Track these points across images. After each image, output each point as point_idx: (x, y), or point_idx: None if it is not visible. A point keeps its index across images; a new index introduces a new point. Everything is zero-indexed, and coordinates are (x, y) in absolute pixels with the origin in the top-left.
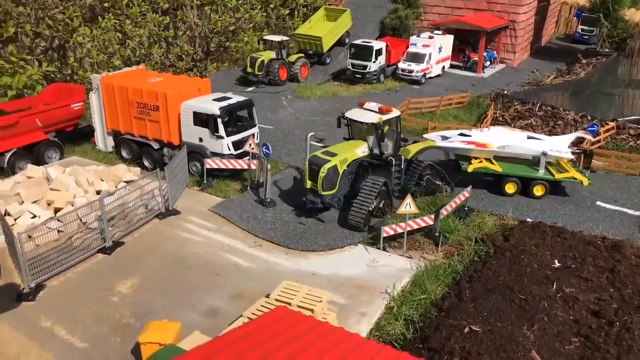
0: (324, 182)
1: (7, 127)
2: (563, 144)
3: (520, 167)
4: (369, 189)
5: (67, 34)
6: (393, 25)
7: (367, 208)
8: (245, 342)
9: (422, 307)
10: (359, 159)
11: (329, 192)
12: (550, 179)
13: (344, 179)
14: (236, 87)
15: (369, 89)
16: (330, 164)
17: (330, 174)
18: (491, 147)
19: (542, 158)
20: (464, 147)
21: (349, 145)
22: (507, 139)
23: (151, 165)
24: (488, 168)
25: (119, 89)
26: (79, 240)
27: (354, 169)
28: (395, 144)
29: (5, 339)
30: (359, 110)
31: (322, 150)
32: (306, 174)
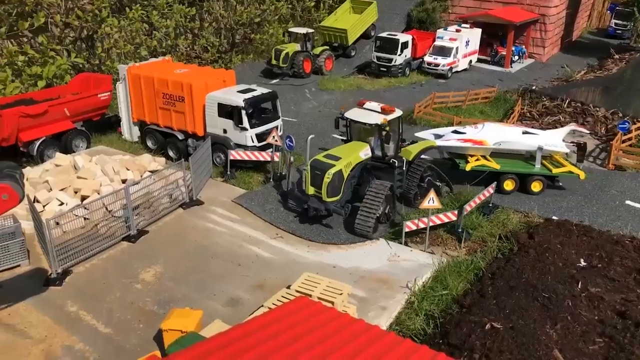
0: (329, 188)
1: (37, 115)
2: (558, 138)
3: (517, 163)
4: (375, 193)
5: (96, 25)
6: (420, 18)
7: (375, 214)
8: (265, 331)
9: (443, 302)
10: (363, 162)
11: (334, 198)
12: (548, 174)
13: (347, 183)
14: (260, 79)
15: (394, 82)
16: (336, 169)
17: (336, 179)
18: (487, 144)
19: (538, 153)
20: (461, 145)
21: (352, 147)
22: (502, 135)
23: (176, 155)
24: (486, 166)
25: (145, 80)
26: (105, 227)
27: (357, 173)
28: (397, 146)
29: (34, 322)
30: (360, 110)
31: (324, 154)
32: (308, 180)
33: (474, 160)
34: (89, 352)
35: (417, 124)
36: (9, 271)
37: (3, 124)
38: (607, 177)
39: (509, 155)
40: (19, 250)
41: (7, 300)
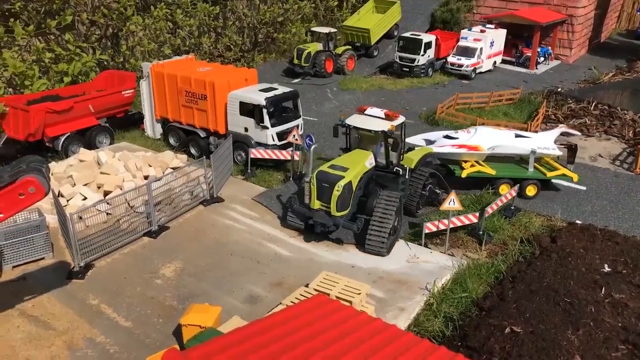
0: (339, 202)
1: (63, 112)
2: (549, 141)
3: (510, 167)
4: (386, 206)
5: (121, 23)
6: (444, 18)
7: (388, 229)
8: (283, 327)
9: (462, 305)
10: (368, 172)
11: (343, 212)
12: (542, 178)
13: (355, 195)
14: (282, 79)
15: (417, 82)
16: (345, 180)
17: (346, 191)
18: (482, 149)
19: (531, 156)
20: (456, 151)
21: (356, 157)
22: (496, 139)
23: (197, 153)
24: (482, 172)
25: (168, 78)
26: (127, 223)
27: (363, 184)
28: (400, 153)
29: (56, 314)
30: (361, 117)
31: (329, 164)
32: (314, 193)
33: (469, 167)
34: (110, 345)
35: (439, 124)
36: (34, 263)
37: (30, 120)
38: (634, 181)
39: (501, 159)
40: (43, 244)
41: (32, 292)
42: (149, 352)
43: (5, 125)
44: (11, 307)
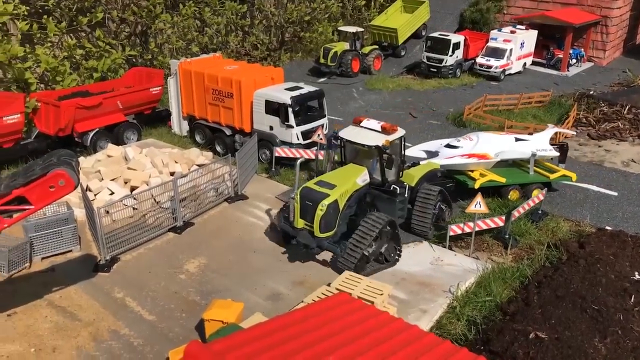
0: (322, 222)
1: (92, 107)
2: (546, 142)
3: (513, 172)
4: (367, 228)
5: (150, 20)
6: (473, 18)
7: (361, 251)
8: (304, 324)
9: (486, 309)
10: (361, 190)
11: (328, 233)
12: (545, 181)
13: (343, 215)
14: (308, 78)
15: (444, 83)
16: (330, 199)
17: (330, 211)
18: (490, 157)
19: (531, 159)
20: (466, 161)
21: (347, 172)
22: (499, 144)
23: (223, 150)
24: (494, 181)
25: (195, 75)
26: (152, 218)
27: (353, 202)
28: (399, 170)
29: (83, 305)
30: (357, 129)
31: (316, 180)
32: (297, 211)
33: (478, 176)
34: (134, 338)
35: (466, 126)
36: (62, 256)
37: (61, 115)
38: None
39: (499, 164)
40: (71, 236)
41: (60, 283)
42: (171, 346)
43: (37, 120)
44: (40, 298)
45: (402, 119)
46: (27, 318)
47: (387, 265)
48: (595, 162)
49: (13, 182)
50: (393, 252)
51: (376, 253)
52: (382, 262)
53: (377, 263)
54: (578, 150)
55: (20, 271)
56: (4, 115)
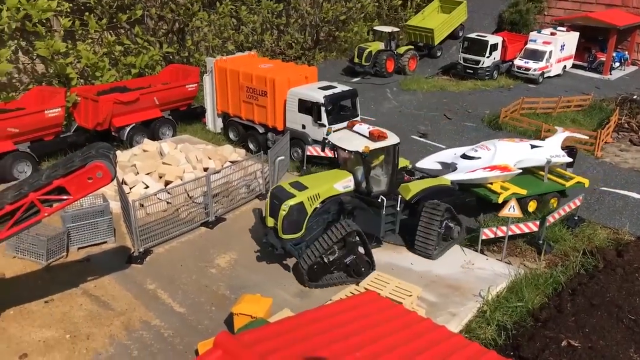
0: (285, 223)
1: (129, 103)
2: (558, 148)
3: (529, 182)
4: (329, 235)
5: (187, 18)
6: (512, 19)
7: (317, 257)
8: (332, 320)
9: (517, 314)
10: (338, 196)
11: (292, 235)
12: (561, 189)
13: (316, 219)
14: (342, 77)
15: (480, 85)
16: (294, 201)
17: (294, 213)
18: (512, 168)
19: (546, 167)
20: (488, 175)
21: (327, 177)
22: (517, 153)
23: (255, 148)
24: (516, 193)
25: (231, 73)
26: (185, 212)
27: (331, 208)
28: (391, 180)
29: (116, 295)
30: (347, 133)
31: (292, 181)
32: (267, 209)
33: (500, 189)
34: (164, 329)
35: (502, 129)
36: (97, 247)
37: (99, 110)
38: None
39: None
40: (106, 228)
41: (94, 273)
42: (201, 338)
43: (77, 114)
44: (75, 286)
45: (437, 120)
46: (63, 305)
47: (355, 279)
48: (637, 168)
49: (54, 172)
50: (364, 266)
51: (339, 263)
52: (352, 276)
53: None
54: (619, 157)
55: (57, 260)
56: (46, 109)
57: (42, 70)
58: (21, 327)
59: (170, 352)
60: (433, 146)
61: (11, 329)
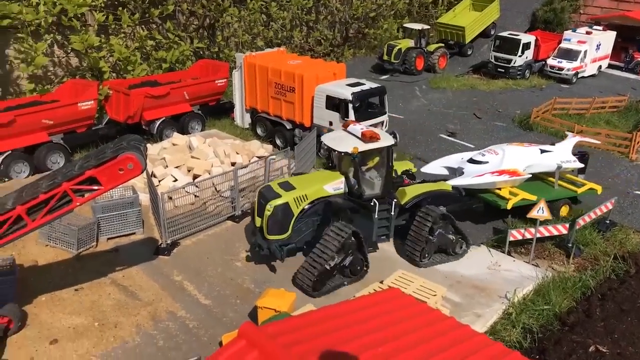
0: (270, 223)
1: (160, 97)
2: (569, 153)
3: (539, 188)
4: (328, 241)
5: (218, 14)
6: (546, 18)
7: (322, 266)
8: (354, 315)
9: (543, 317)
10: (327, 198)
11: (277, 236)
12: (573, 195)
13: (305, 221)
14: (370, 74)
15: (512, 84)
16: (279, 201)
17: (279, 213)
18: (521, 173)
19: (556, 172)
20: (496, 180)
21: (317, 178)
22: (526, 158)
23: (282, 144)
24: (526, 200)
25: (259, 69)
26: (212, 206)
27: (320, 210)
28: (386, 183)
29: (143, 286)
30: (338, 133)
31: (280, 180)
32: (255, 209)
33: (508, 195)
34: (189, 320)
35: (533, 129)
36: (126, 237)
37: (130, 103)
38: None
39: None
40: (135, 219)
41: (123, 263)
42: (225, 330)
43: (108, 107)
44: (104, 276)
45: (466, 119)
46: (93, 294)
47: (353, 279)
48: None
49: (86, 163)
50: (359, 265)
51: (339, 267)
52: (349, 276)
53: (341, 276)
54: None
55: (87, 249)
56: (79, 102)
57: (76, 63)
58: (52, 313)
59: (194, 343)
60: (462, 145)
61: (43, 315)
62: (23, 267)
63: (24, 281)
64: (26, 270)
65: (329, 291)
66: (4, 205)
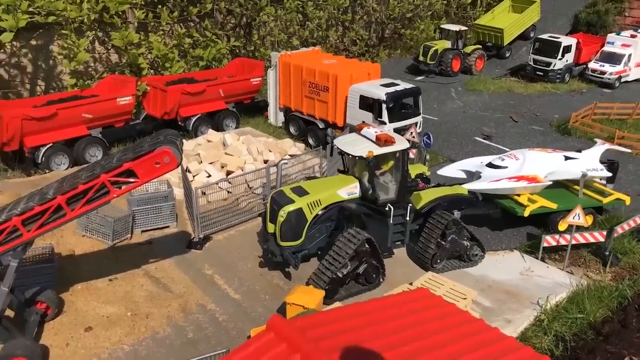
0: (283, 229)
1: (196, 94)
2: (596, 161)
3: (561, 196)
4: (341, 247)
5: (255, 13)
6: (589, 20)
7: (334, 273)
8: (383, 313)
9: (577, 326)
10: (341, 203)
11: (291, 242)
12: (598, 205)
13: (318, 227)
14: (405, 75)
15: (550, 88)
16: (293, 207)
17: (292, 219)
18: (541, 179)
19: (581, 180)
20: (514, 185)
21: (331, 182)
22: (548, 164)
23: (315, 143)
24: (544, 207)
25: (294, 68)
26: (244, 202)
27: (334, 215)
28: (401, 188)
29: (175, 278)
30: (352, 137)
31: (293, 185)
32: (267, 214)
33: (527, 201)
34: (219, 313)
35: (571, 134)
36: (160, 230)
37: (167, 99)
38: None
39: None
40: (169, 213)
41: (156, 255)
42: (254, 325)
43: (146, 102)
44: (138, 267)
45: (502, 122)
46: (126, 284)
47: (367, 287)
48: None
49: (124, 156)
50: (375, 273)
51: (353, 274)
52: (363, 284)
53: (356, 284)
54: None
55: (122, 241)
56: (118, 97)
57: (115, 60)
58: (87, 301)
59: (223, 336)
60: (497, 149)
61: (79, 303)
62: (61, 256)
63: (62, 269)
64: (64, 259)
65: (343, 298)
66: (46, 194)
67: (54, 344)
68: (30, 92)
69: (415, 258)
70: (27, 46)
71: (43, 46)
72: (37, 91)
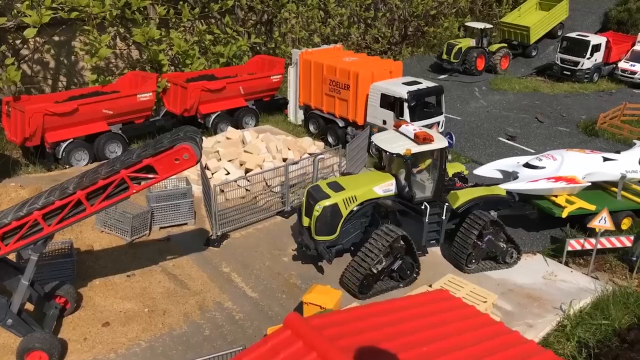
0: (318, 224)
1: (216, 91)
2: (635, 162)
3: (599, 198)
4: (374, 244)
5: (276, 10)
6: (620, 18)
7: (368, 269)
8: (402, 313)
9: (601, 333)
10: (377, 200)
11: (326, 237)
12: (637, 208)
13: (353, 223)
14: (428, 74)
15: (578, 88)
16: (329, 202)
17: (328, 214)
18: (579, 180)
19: (620, 182)
20: (552, 186)
21: (367, 178)
22: (586, 165)
23: (334, 141)
24: (583, 209)
25: (315, 66)
26: (263, 200)
27: (369, 212)
28: (437, 186)
29: (192, 275)
30: (390, 134)
31: (329, 180)
32: (303, 208)
33: (564, 202)
34: (236, 312)
35: (599, 136)
36: (178, 227)
37: (187, 96)
38: None
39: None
40: (187, 210)
41: (174, 252)
42: (270, 324)
43: (166, 99)
44: (155, 264)
45: (527, 123)
46: (144, 281)
47: (402, 282)
48: None
49: (144, 152)
50: (410, 269)
51: (387, 270)
52: (397, 280)
53: (391, 280)
54: None
55: (140, 237)
56: (138, 93)
57: (136, 56)
58: (105, 297)
59: (240, 334)
60: (521, 150)
61: (97, 298)
62: (80, 252)
63: (80, 265)
64: (82, 254)
65: (377, 294)
66: (66, 189)
67: (72, 338)
68: (52, 88)
69: (449, 257)
70: (50, 42)
71: (65, 42)
72: (59, 87)
